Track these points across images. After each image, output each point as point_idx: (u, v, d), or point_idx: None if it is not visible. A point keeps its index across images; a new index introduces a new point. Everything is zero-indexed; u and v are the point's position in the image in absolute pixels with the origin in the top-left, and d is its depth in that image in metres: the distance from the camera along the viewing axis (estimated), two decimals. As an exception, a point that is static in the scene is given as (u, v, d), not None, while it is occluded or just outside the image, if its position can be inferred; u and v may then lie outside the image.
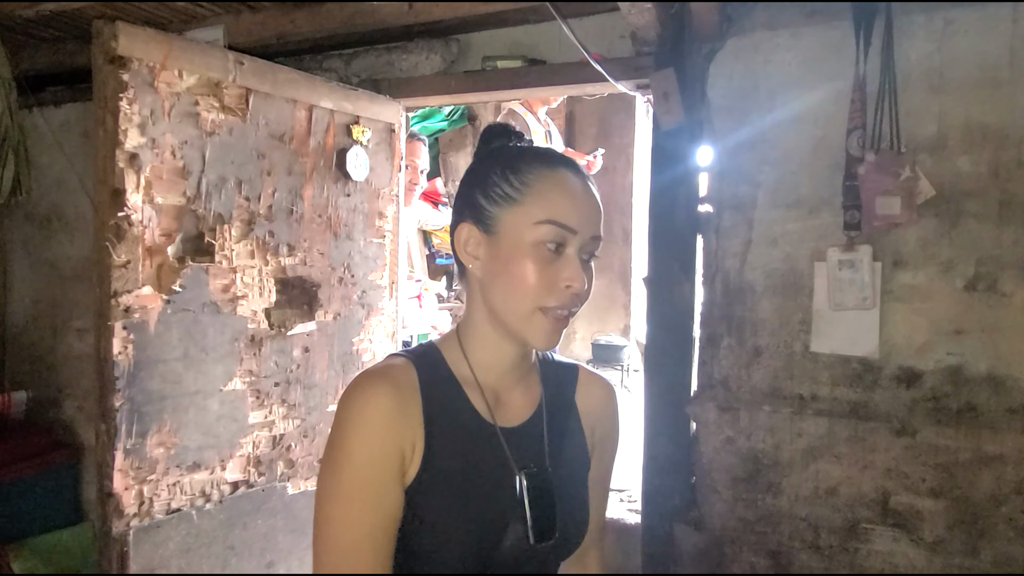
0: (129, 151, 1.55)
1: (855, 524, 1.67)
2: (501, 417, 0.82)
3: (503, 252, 0.78)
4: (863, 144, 1.59)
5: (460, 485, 0.77)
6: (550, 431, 0.85)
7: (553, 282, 0.76)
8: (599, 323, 4.77)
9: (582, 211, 0.78)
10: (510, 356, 0.83)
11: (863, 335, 1.63)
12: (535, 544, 0.78)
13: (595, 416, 0.92)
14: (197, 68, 1.66)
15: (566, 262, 0.77)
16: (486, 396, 0.82)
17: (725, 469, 1.79)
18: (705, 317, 1.82)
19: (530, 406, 0.86)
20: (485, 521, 0.77)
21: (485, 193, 0.80)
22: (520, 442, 0.82)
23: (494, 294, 0.79)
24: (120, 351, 1.55)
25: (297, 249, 1.95)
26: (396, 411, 0.74)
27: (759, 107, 1.74)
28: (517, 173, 0.79)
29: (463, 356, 0.82)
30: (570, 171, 0.80)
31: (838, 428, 1.68)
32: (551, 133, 3.51)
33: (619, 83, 1.89)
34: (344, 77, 2.26)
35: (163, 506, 1.66)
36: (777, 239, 1.73)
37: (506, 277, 0.77)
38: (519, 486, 0.78)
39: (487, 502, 0.78)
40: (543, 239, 0.76)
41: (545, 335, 0.77)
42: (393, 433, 0.74)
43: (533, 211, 0.77)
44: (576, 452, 0.89)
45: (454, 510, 0.75)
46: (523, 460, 0.81)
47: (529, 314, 0.77)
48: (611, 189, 4.69)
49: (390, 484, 0.73)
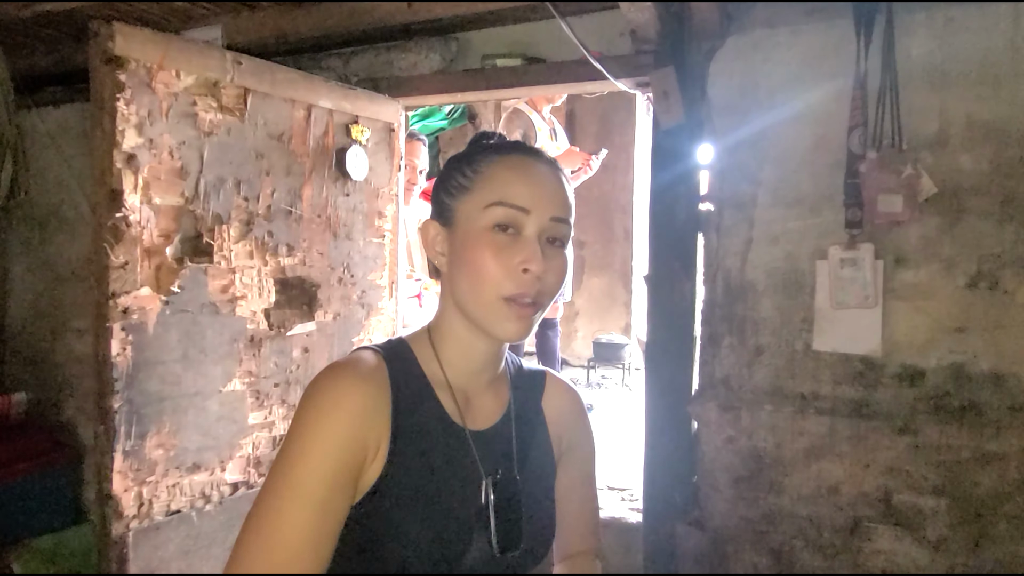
0: (127, 152, 1.54)
1: (857, 523, 1.66)
2: (470, 420, 0.80)
3: (460, 242, 0.77)
4: (864, 142, 1.58)
5: (424, 488, 0.74)
6: (518, 437, 0.83)
7: (509, 266, 0.73)
8: (600, 322, 4.77)
9: (536, 191, 0.76)
10: (481, 356, 0.81)
11: (865, 333, 1.62)
12: (500, 554, 0.75)
13: (562, 424, 0.90)
14: (195, 68, 1.66)
15: (523, 244, 0.74)
16: (456, 397, 0.80)
17: (726, 468, 1.78)
18: (706, 316, 1.81)
19: (499, 410, 0.84)
20: (448, 527, 0.74)
21: (444, 188, 0.80)
22: (488, 446, 0.80)
23: (457, 286, 0.78)
24: (119, 352, 1.55)
25: (296, 249, 1.94)
26: (362, 407, 0.71)
27: (759, 105, 1.73)
28: (471, 163, 0.79)
29: (434, 355, 0.80)
30: (524, 155, 0.79)
31: (840, 427, 1.67)
32: (556, 131, 3.50)
33: (619, 81, 1.89)
34: (343, 76, 2.25)
35: (163, 508, 1.65)
36: (778, 237, 1.72)
37: (464, 267, 0.76)
38: (484, 492, 0.76)
39: (452, 507, 0.75)
40: (494, 221, 0.74)
41: (510, 326, 0.74)
42: (356, 432, 0.70)
43: (483, 196, 0.76)
44: (543, 460, 0.86)
45: (417, 513, 0.72)
46: (491, 465, 0.79)
47: (491, 303, 0.74)
48: (612, 188, 4.69)
49: (344, 486, 0.69)
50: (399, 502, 0.72)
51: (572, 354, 4.74)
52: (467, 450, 0.78)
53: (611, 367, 4.19)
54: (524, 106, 3.35)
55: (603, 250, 4.79)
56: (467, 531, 0.75)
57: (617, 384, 4.17)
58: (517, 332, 0.75)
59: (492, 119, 4.51)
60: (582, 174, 3.51)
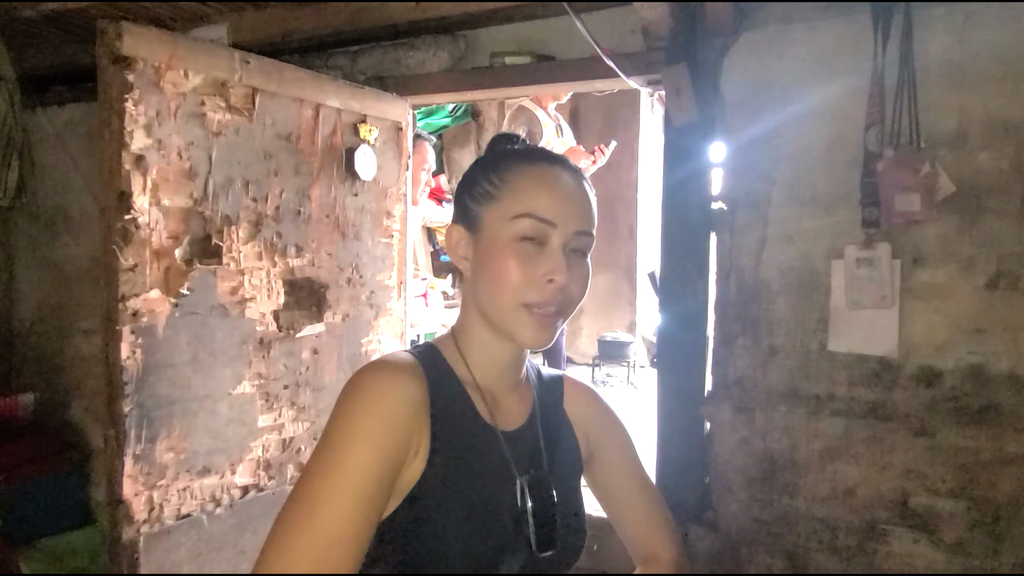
0: (135, 153, 1.53)
1: (873, 525, 1.65)
2: (500, 420, 0.81)
3: (485, 249, 0.78)
4: (882, 140, 1.56)
5: (463, 488, 0.74)
6: (545, 437, 0.84)
7: (533, 276, 0.74)
8: (605, 319, 4.75)
9: (562, 204, 0.76)
10: (505, 357, 0.82)
11: (882, 334, 1.60)
12: (538, 553, 0.76)
13: (585, 422, 0.92)
14: (203, 68, 1.64)
15: (547, 256, 0.75)
16: (485, 398, 0.81)
17: (740, 470, 1.77)
18: (719, 316, 1.80)
19: (524, 411, 0.85)
20: (488, 527, 0.74)
21: (470, 193, 0.80)
22: (518, 446, 0.81)
23: (480, 292, 0.78)
24: (128, 356, 1.53)
25: (305, 250, 1.93)
26: (405, 403, 0.71)
27: (774, 102, 1.71)
28: (498, 171, 0.79)
29: (460, 357, 0.81)
30: (552, 166, 0.79)
31: (856, 428, 1.65)
32: (562, 127, 3.47)
33: (630, 79, 1.86)
34: (350, 75, 2.23)
35: (173, 512, 1.64)
36: (793, 237, 1.70)
37: (489, 274, 0.76)
38: (519, 491, 0.77)
39: (490, 507, 0.75)
40: (521, 233, 0.75)
41: (530, 332, 0.76)
42: (400, 427, 0.70)
43: (511, 206, 0.76)
44: (570, 459, 0.88)
45: (456, 515, 0.72)
46: (522, 465, 0.80)
47: (513, 310, 0.75)
48: (616, 185, 4.66)
49: (387, 481, 0.69)
50: (440, 501, 0.72)
51: (577, 352, 4.72)
52: (500, 450, 0.79)
53: (616, 365, 4.18)
54: (529, 103, 3.33)
55: (608, 248, 4.77)
56: (506, 531, 0.75)
57: (622, 382, 4.16)
58: (540, 339, 0.76)
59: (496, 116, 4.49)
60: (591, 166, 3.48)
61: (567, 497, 0.83)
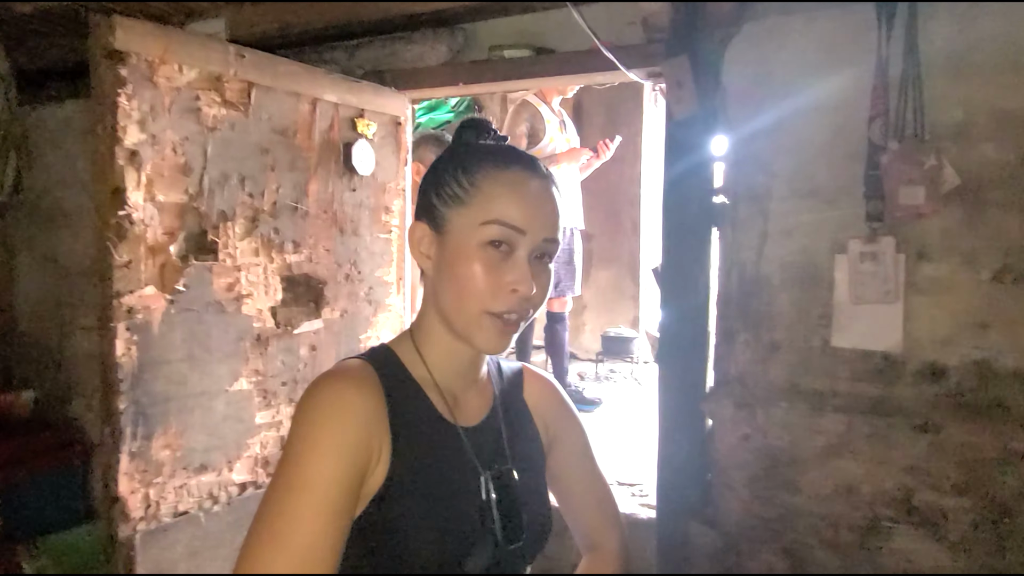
0: (129, 148, 1.52)
1: (875, 522, 1.63)
2: (460, 417, 0.81)
3: (451, 253, 0.77)
4: (886, 132, 1.54)
5: (427, 487, 0.75)
6: (507, 429, 0.85)
7: (499, 285, 0.74)
8: (608, 315, 4.73)
9: (532, 212, 0.76)
10: (465, 356, 0.82)
11: (886, 329, 1.58)
12: (505, 545, 0.76)
13: (545, 413, 0.93)
14: (197, 62, 1.62)
15: (513, 264, 0.75)
16: (444, 396, 0.81)
17: (741, 466, 1.75)
18: (721, 311, 1.77)
19: (485, 406, 0.86)
20: (454, 523, 0.75)
21: (437, 192, 0.79)
22: (480, 441, 0.82)
23: (443, 295, 0.78)
24: (123, 353, 1.52)
25: (302, 246, 1.91)
26: (364, 410, 0.72)
27: (775, 94, 1.68)
28: (468, 173, 0.77)
29: (419, 357, 0.81)
30: (524, 170, 0.78)
31: (858, 425, 1.63)
32: (565, 123, 3.45)
33: (630, 71, 1.84)
34: (348, 69, 2.21)
35: (170, 509, 1.64)
36: (794, 231, 1.68)
37: (453, 278, 0.76)
38: (484, 486, 0.78)
39: (455, 503, 0.76)
40: (488, 238, 0.75)
41: (492, 339, 0.76)
42: (360, 435, 0.70)
43: (480, 212, 0.75)
44: (532, 450, 0.89)
45: (422, 513, 0.73)
46: (485, 460, 0.80)
47: (476, 317, 0.75)
48: (619, 179, 4.63)
49: (352, 489, 0.70)
50: (405, 502, 0.73)
51: (580, 348, 4.70)
52: (461, 446, 0.79)
53: (620, 361, 4.16)
54: (533, 98, 3.30)
55: (610, 243, 4.74)
56: (473, 526, 0.76)
57: (626, 378, 4.14)
58: (498, 346, 0.77)
59: (499, 111, 4.47)
60: (595, 161, 3.46)
61: (532, 488, 0.84)
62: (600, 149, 3.41)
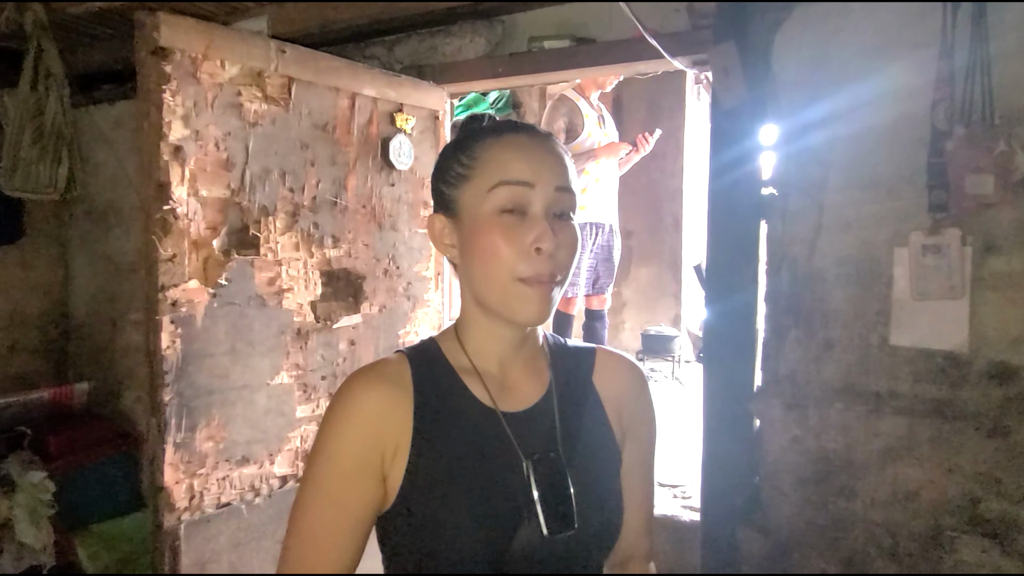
0: (173, 143, 1.54)
1: (938, 532, 1.53)
2: (505, 403, 0.79)
3: (467, 231, 0.76)
4: (951, 117, 1.44)
5: (460, 475, 0.73)
6: (561, 416, 0.80)
7: (521, 247, 0.72)
8: (648, 313, 4.64)
9: (535, 163, 0.74)
10: (508, 340, 0.80)
11: (950, 327, 1.48)
12: (550, 535, 0.72)
13: (619, 399, 0.86)
14: (239, 58, 1.64)
15: (531, 223, 0.73)
16: (487, 383, 0.79)
17: (792, 470, 1.67)
18: (770, 308, 1.70)
19: (538, 391, 0.81)
20: (494, 512, 0.73)
21: (443, 179, 0.79)
22: (527, 428, 0.78)
23: (472, 276, 0.77)
24: (168, 345, 1.55)
25: (342, 241, 1.91)
26: (378, 410, 0.74)
27: (830, 80, 1.60)
28: (466, 151, 0.77)
29: (460, 346, 0.80)
30: (520, 133, 0.77)
31: (920, 428, 1.54)
32: (604, 118, 3.38)
33: (675, 59, 1.78)
34: (387, 64, 2.21)
35: (213, 500, 1.66)
36: (851, 223, 1.59)
37: (476, 255, 0.75)
38: (526, 472, 0.74)
39: (494, 491, 0.74)
40: (500, 205, 0.73)
41: (529, 307, 0.73)
42: (371, 432, 0.73)
43: (484, 180, 0.75)
44: (598, 438, 0.83)
45: (458, 502, 0.72)
46: (530, 446, 0.76)
47: (507, 287, 0.73)
48: (660, 175, 4.54)
49: (359, 481, 0.73)
50: (435, 493, 0.72)
51: (620, 346, 4.63)
52: (503, 433, 0.77)
53: (660, 360, 4.07)
54: (571, 92, 3.25)
55: (651, 239, 4.65)
56: (513, 514, 0.73)
57: (667, 377, 4.05)
58: (537, 314, 0.74)
59: (537, 107, 4.42)
60: (634, 155, 3.39)
61: (592, 477, 0.79)
62: (639, 143, 3.34)
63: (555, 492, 0.74)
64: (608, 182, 3.29)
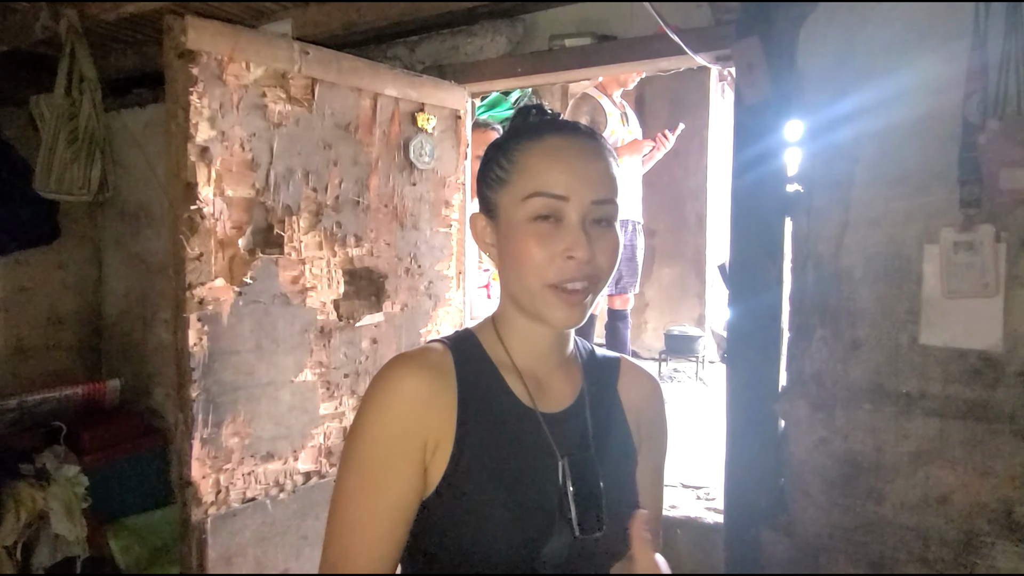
0: (200, 144, 1.57)
1: (972, 537, 1.49)
2: (542, 403, 0.79)
3: (504, 234, 0.77)
4: (984, 110, 1.40)
5: (500, 471, 0.74)
6: (594, 419, 0.82)
7: (553, 254, 0.73)
8: (672, 313, 4.60)
9: (573, 176, 0.74)
10: (545, 339, 0.81)
11: (983, 326, 1.44)
12: (582, 535, 0.72)
13: (639, 410, 0.88)
14: (263, 60, 1.66)
15: (566, 231, 0.73)
16: (525, 381, 0.79)
17: (818, 472, 1.64)
18: (795, 307, 1.67)
19: (571, 393, 0.82)
20: (529, 509, 0.73)
21: (485, 180, 0.80)
22: (562, 428, 0.79)
23: (508, 278, 0.78)
24: (195, 343, 1.58)
25: (364, 240, 1.93)
26: (423, 398, 0.73)
27: (857, 74, 1.57)
28: (506, 153, 0.77)
29: (499, 341, 0.81)
30: (561, 135, 0.76)
31: (952, 430, 1.50)
32: (627, 115, 3.36)
33: (698, 55, 1.76)
34: (409, 64, 2.22)
35: (239, 495, 1.69)
36: (879, 220, 1.56)
37: (512, 259, 0.76)
38: (561, 472, 0.75)
39: (530, 489, 0.74)
40: (534, 213, 0.74)
41: (559, 313, 0.74)
42: (415, 420, 0.72)
43: (521, 188, 0.75)
44: (621, 444, 0.84)
45: (495, 497, 0.72)
46: (566, 447, 0.77)
47: (539, 292, 0.74)
48: (684, 173, 4.50)
49: (402, 469, 0.72)
50: (475, 487, 0.72)
51: (642, 346, 4.59)
52: (540, 432, 0.77)
53: (684, 360, 4.03)
54: (593, 90, 3.24)
55: (674, 239, 4.61)
56: (548, 513, 0.74)
57: (690, 378, 4.01)
58: (567, 319, 0.75)
59: (559, 106, 4.41)
60: (656, 152, 3.36)
61: (619, 480, 0.80)
62: (659, 141, 3.31)
63: (587, 493, 0.74)
64: (631, 180, 3.27)
